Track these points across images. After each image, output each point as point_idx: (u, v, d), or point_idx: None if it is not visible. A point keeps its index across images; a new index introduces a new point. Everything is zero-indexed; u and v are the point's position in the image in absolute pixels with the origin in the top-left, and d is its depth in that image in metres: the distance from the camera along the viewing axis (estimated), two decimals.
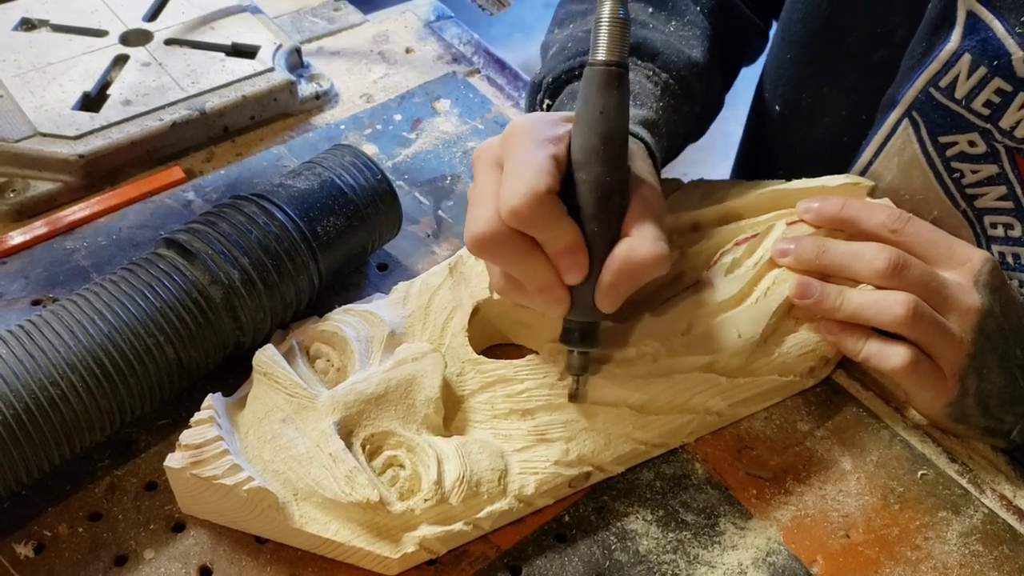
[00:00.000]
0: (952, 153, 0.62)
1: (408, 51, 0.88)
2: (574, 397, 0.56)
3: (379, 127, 0.80)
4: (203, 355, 0.57)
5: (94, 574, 0.52)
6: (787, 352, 0.61)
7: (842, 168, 0.69)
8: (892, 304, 0.57)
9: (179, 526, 0.54)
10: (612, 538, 0.55)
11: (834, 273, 0.61)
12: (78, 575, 0.52)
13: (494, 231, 0.50)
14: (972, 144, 0.61)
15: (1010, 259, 0.64)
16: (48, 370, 0.51)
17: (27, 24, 0.81)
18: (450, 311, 0.61)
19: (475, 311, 0.61)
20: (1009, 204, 0.62)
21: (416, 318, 0.61)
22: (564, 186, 0.51)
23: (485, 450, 0.54)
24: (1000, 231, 0.64)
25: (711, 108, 0.75)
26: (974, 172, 0.62)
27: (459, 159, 0.77)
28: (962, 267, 0.59)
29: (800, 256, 0.61)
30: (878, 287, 0.59)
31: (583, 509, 0.56)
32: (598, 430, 0.56)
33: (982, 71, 0.58)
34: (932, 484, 0.59)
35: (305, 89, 0.81)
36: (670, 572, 0.54)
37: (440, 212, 0.73)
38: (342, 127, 0.79)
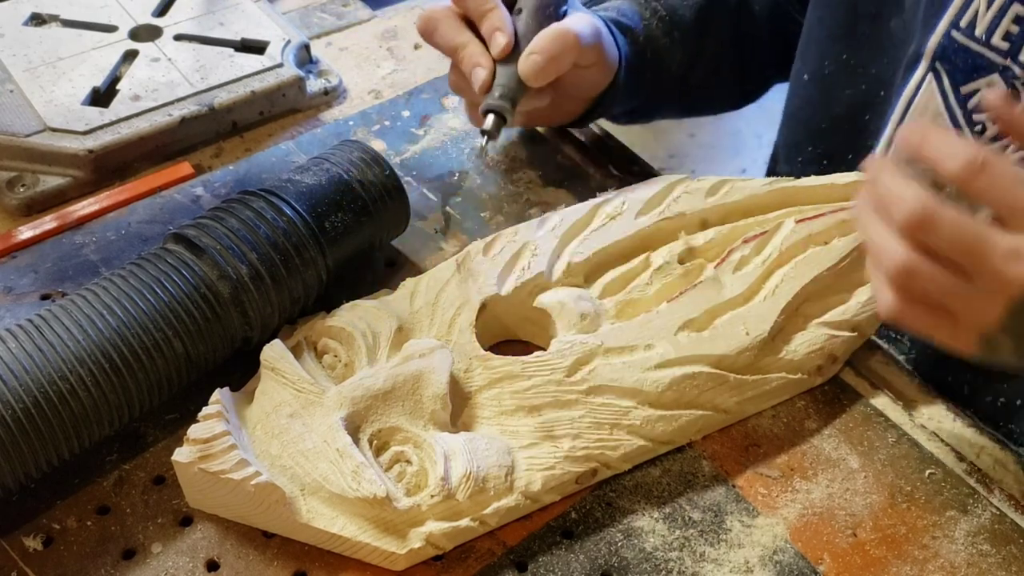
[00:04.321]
0: (973, 104, 0.63)
1: (416, 47, 0.88)
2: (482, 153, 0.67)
3: (387, 123, 0.80)
4: (211, 350, 0.57)
5: (102, 567, 0.52)
6: (795, 350, 0.61)
7: (866, 143, 0.70)
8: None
9: (187, 520, 0.55)
10: (618, 535, 0.55)
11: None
12: (86, 568, 0.52)
13: (434, 8, 0.67)
14: (992, 85, 0.62)
15: None
16: (57, 364, 0.51)
17: (37, 19, 0.82)
18: (457, 307, 0.61)
19: (482, 307, 0.61)
20: None
21: (423, 314, 0.61)
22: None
23: (492, 446, 0.54)
24: None
25: (707, 72, 0.80)
26: (995, 122, 0.63)
27: (467, 155, 0.77)
28: None
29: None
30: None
31: (590, 506, 0.56)
32: (605, 427, 0.56)
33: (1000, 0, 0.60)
34: (940, 483, 0.59)
35: (314, 85, 0.81)
36: (676, 569, 0.54)
37: (448, 208, 0.73)
38: (350, 123, 0.79)
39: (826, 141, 0.76)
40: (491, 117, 0.65)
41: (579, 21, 0.67)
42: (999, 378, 0.66)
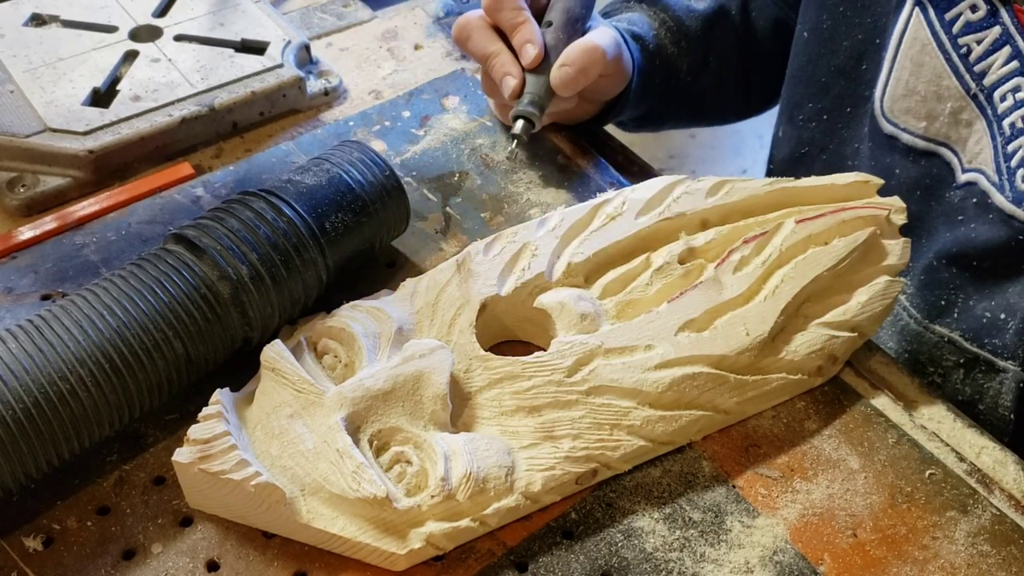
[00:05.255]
0: (958, 28, 0.66)
1: (417, 47, 0.88)
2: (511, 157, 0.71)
3: (387, 123, 0.80)
4: (211, 350, 0.57)
5: (102, 567, 0.52)
6: (795, 350, 0.61)
7: (863, 94, 0.73)
8: None
9: (187, 520, 0.55)
10: (619, 536, 0.55)
11: None
12: (86, 568, 0.52)
13: (468, 17, 0.71)
14: (974, 8, 0.65)
15: (1020, 123, 0.66)
16: (57, 365, 0.51)
17: (38, 19, 0.82)
18: (458, 307, 0.61)
19: (482, 308, 0.61)
20: (1015, 64, 0.65)
21: (424, 314, 0.61)
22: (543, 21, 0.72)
23: (492, 447, 0.54)
24: (1010, 100, 0.66)
25: (713, 81, 0.85)
26: (979, 42, 0.66)
27: (467, 156, 0.77)
28: None
29: None
30: None
31: (590, 506, 0.56)
32: (605, 427, 0.56)
33: None
34: (940, 483, 0.59)
35: (314, 85, 0.81)
36: (676, 570, 0.54)
37: (448, 208, 0.73)
38: (351, 123, 0.79)
39: (826, 95, 0.78)
40: (521, 122, 0.69)
41: (602, 35, 0.72)
42: (985, 296, 0.71)
